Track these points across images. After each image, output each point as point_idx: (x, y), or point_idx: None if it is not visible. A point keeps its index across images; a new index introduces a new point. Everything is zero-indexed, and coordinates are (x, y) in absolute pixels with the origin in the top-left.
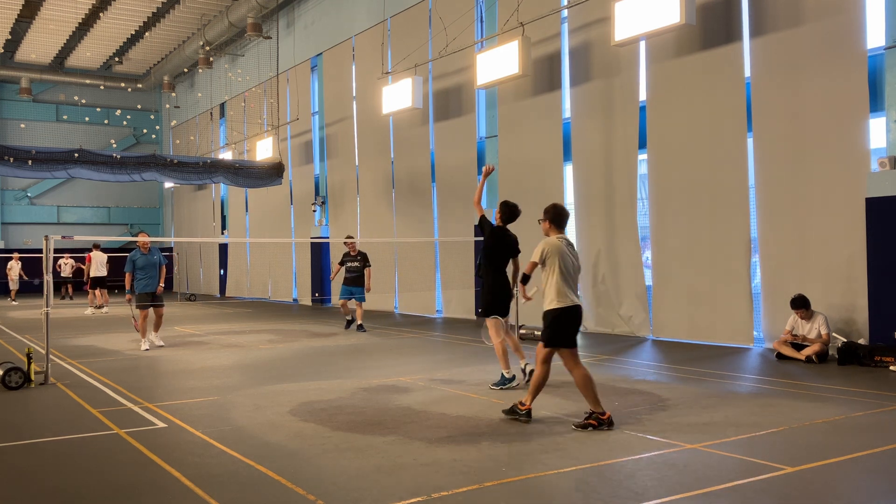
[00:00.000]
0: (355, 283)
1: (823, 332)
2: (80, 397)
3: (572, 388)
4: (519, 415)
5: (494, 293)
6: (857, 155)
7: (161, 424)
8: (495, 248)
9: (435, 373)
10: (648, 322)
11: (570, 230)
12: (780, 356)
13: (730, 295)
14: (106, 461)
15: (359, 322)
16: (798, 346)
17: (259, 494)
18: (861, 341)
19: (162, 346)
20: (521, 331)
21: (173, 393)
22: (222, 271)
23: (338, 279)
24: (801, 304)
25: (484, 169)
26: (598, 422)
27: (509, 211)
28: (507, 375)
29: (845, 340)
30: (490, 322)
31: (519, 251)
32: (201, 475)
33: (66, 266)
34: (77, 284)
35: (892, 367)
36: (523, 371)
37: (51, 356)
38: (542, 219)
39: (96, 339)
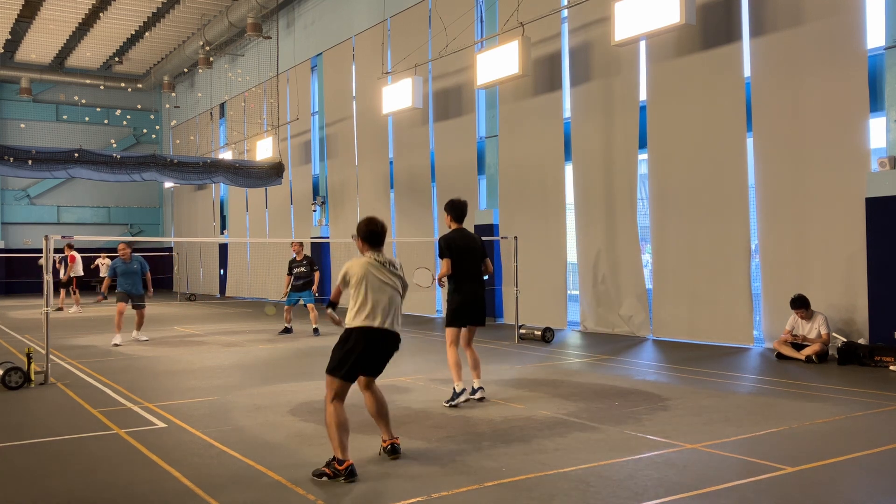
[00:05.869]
0: (304, 288)
1: (823, 332)
2: (80, 397)
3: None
4: (336, 473)
5: (461, 301)
6: (857, 155)
7: (161, 424)
8: (456, 256)
9: (435, 373)
10: (648, 322)
11: (570, 231)
12: (780, 356)
13: (730, 295)
14: (106, 461)
15: (314, 325)
16: (798, 346)
17: (259, 495)
18: (861, 341)
19: (146, 341)
20: (521, 331)
21: (173, 393)
22: (222, 271)
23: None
24: (800, 304)
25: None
26: (334, 472)
27: (454, 209)
28: (456, 389)
29: (845, 340)
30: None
31: (486, 252)
32: (201, 475)
33: (104, 266)
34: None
35: (892, 367)
36: (474, 390)
37: (51, 356)
38: (354, 236)
39: (96, 339)
